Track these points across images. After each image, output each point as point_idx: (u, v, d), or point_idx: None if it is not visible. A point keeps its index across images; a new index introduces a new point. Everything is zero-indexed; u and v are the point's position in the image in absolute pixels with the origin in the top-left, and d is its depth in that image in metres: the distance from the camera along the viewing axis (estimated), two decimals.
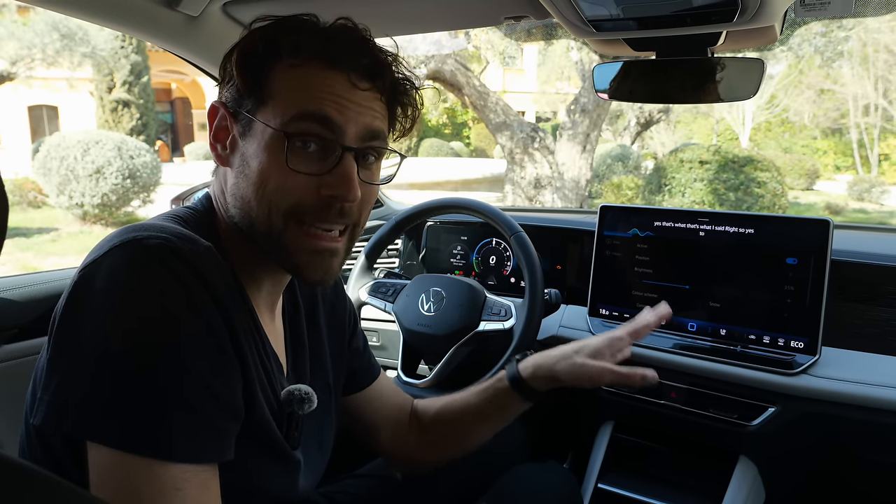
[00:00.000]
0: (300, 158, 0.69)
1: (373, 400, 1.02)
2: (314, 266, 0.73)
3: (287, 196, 0.69)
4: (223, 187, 0.75)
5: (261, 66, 0.70)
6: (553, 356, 0.99)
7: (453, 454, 1.04)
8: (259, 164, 0.69)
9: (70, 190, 8.09)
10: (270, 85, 0.70)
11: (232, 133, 0.73)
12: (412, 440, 1.04)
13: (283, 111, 0.69)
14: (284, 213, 0.70)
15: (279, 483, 0.77)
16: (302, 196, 0.70)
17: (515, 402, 1.00)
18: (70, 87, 13.61)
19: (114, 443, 0.57)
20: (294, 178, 0.69)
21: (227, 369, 0.65)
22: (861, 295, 1.23)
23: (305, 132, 0.69)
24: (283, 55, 0.70)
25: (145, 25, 1.15)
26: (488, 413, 1.01)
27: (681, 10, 0.92)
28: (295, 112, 0.68)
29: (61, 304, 0.63)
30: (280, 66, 0.70)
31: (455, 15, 1.25)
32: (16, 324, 1.11)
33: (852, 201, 13.43)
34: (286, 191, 0.69)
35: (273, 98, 0.69)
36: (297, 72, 0.70)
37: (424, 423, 1.05)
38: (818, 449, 1.17)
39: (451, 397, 1.05)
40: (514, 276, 1.66)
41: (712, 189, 7.37)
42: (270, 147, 0.69)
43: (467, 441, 1.03)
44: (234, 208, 0.73)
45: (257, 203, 0.70)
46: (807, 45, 11.79)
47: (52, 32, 10.34)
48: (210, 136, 0.75)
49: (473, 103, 8.17)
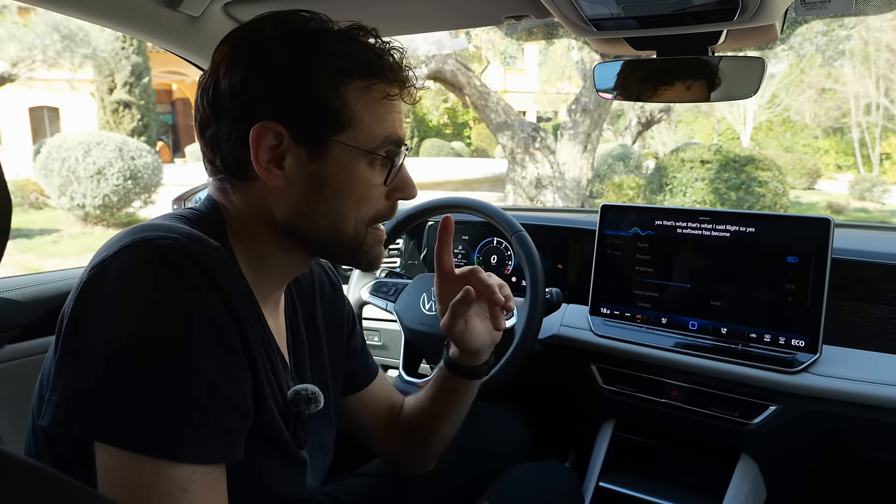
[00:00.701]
0: (379, 173, 0.75)
1: (370, 402, 1.02)
2: (380, 255, 0.81)
3: (371, 207, 0.76)
4: (262, 202, 0.74)
5: (330, 87, 0.70)
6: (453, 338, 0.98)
7: (433, 448, 1.03)
8: (342, 182, 0.73)
9: (71, 191, 8.10)
10: (347, 108, 0.71)
11: (289, 153, 0.71)
12: (398, 438, 1.03)
13: (369, 137, 0.73)
14: (367, 224, 0.76)
15: (287, 482, 0.77)
16: (380, 204, 0.77)
17: (459, 383, 0.98)
18: (71, 88, 13.62)
19: (122, 443, 0.57)
20: (374, 191, 0.75)
21: (236, 370, 0.65)
22: (862, 293, 1.23)
23: (390, 149, 0.74)
24: (354, 76, 0.71)
25: (146, 26, 1.15)
26: (443, 399, 0.99)
27: (681, 8, 0.92)
28: (382, 138, 0.73)
29: (69, 304, 0.63)
30: (353, 87, 0.71)
31: (456, 14, 1.25)
32: (19, 324, 1.12)
33: (854, 200, 13.41)
34: (370, 203, 0.76)
35: (354, 123, 0.72)
36: (371, 94, 0.72)
37: (405, 418, 1.04)
38: (819, 447, 1.17)
39: (420, 392, 1.04)
40: (515, 275, 1.67)
41: (713, 188, 7.37)
42: (355, 167, 0.73)
43: (439, 434, 1.01)
44: (298, 223, 0.74)
45: (342, 218, 0.74)
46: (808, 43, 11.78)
47: (53, 34, 10.35)
48: (253, 156, 0.70)
49: (474, 103, 8.17)
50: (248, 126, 0.69)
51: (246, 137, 0.69)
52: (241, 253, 0.74)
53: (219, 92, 0.70)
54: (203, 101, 0.72)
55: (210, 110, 0.72)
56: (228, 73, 0.70)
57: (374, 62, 0.72)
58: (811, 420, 1.14)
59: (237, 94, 0.69)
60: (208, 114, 0.72)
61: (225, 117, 0.71)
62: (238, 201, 0.75)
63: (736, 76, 1.06)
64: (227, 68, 0.70)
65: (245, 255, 0.75)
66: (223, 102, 0.70)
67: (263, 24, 0.73)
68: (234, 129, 0.70)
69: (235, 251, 0.74)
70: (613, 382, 1.33)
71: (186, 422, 0.59)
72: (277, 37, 0.71)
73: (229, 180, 0.74)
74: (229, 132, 0.71)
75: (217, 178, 0.76)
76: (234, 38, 0.73)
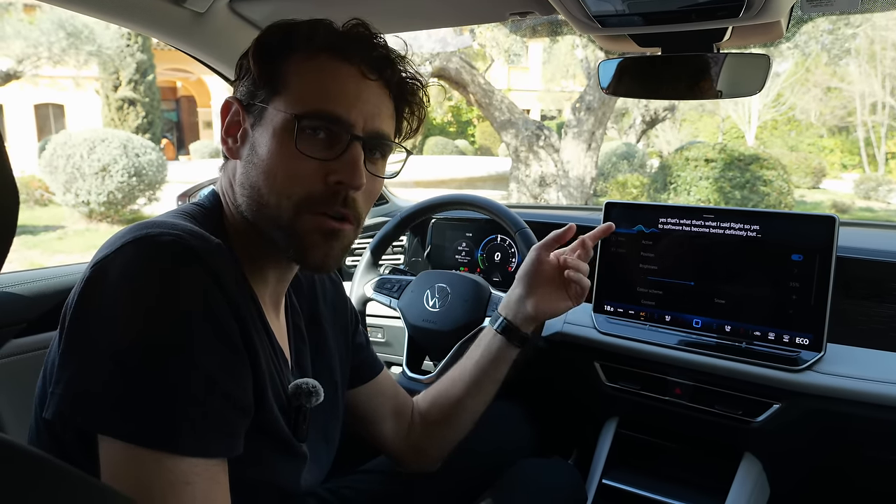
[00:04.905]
0: (308, 144, 0.71)
1: (375, 395, 1.03)
2: (317, 247, 0.73)
3: (297, 184, 0.71)
4: (231, 180, 0.76)
5: (275, 57, 0.73)
6: (514, 302, 1.08)
7: (457, 430, 1.05)
8: (268, 149, 0.71)
9: (76, 188, 8.13)
10: (284, 76, 0.72)
11: (244, 126, 0.75)
12: (416, 433, 1.04)
13: (295, 101, 0.71)
14: (295, 204, 0.71)
15: (286, 477, 0.78)
16: (311, 185, 0.71)
17: (506, 350, 1.06)
18: (76, 85, 13.66)
19: (125, 436, 0.58)
20: (302, 164, 0.71)
21: (237, 365, 0.66)
22: (866, 291, 1.23)
23: (316, 119, 0.71)
24: (297, 47, 0.73)
25: (152, 22, 1.16)
26: (482, 370, 1.05)
27: (686, 5, 0.92)
28: (307, 101, 0.71)
29: (72, 299, 0.64)
30: (294, 58, 0.73)
31: (460, 11, 1.25)
32: (25, 318, 1.12)
33: (859, 200, 13.36)
34: (295, 179, 0.71)
35: (286, 88, 0.72)
36: (311, 64, 0.72)
37: (425, 409, 1.06)
38: (823, 445, 1.17)
39: (445, 375, 1.09)
40: None
41: (718, 187, 7.35)
42: (280, 132, 0.71)
43: (467, 411, 1.05)
44: (241, 197, 0.74)
45: (267, 191, 0.71)
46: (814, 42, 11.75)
47: (58, 31, 10.38)
48: (221, 131, 0.76)
49: (478, 101, 8.17)
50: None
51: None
52: (241, 249, 0.75)
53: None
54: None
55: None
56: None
57: (321, 35, 0.73)
58: (815, 418, 1.14)
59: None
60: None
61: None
62: (225, 186, 0.78)
63: (741, 73, 1.06)
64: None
65: (244, 252, 0.75)
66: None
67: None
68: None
69: (236, 247, 0.74)
70: (617, 380, 1.32)
71: (186, 416, 0.60)
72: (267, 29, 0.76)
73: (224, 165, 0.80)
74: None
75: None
76: None
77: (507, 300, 1.10)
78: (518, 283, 1.09)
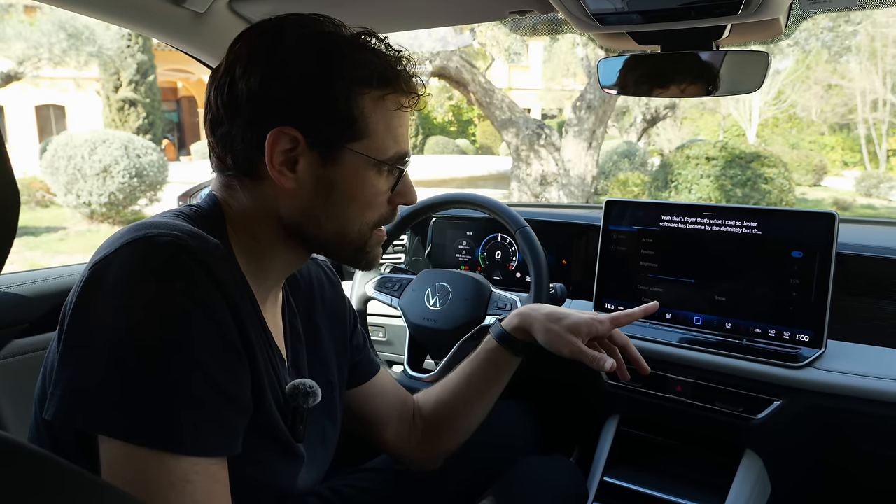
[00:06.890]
0: (386, 180, 0.78)
1: (374, 395, 1.03)
2: (376, 254, 0.84)
3: (375, 212, 0.79)
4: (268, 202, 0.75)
5: (348, 96, 0.72)
6: (532, 318, 1.04)
7: (460, 435, 1.05)
8: (351, 186, 0.75)
9: (77, 189, 8.14)
10: (364, 117, 0.73)
11: (302, 157, 0.72)
12: (417, 433, 1.05)
13: (379, 148, 0.75)
14: (371, 227, 0.80)
15: (283, 477, 0.78)
16: (383, 208, 0.80)
17: (506, 358, 1.05)
18: (77, 86, 13.69)
19: (125, 436, 0.58)
20: (380, 196, 0.79)
21: (235, 365, 0.66)
22: (867, 288, 1.23)
23: (397, 163, 0.78)
24: (371, 87, 0.73)
25: (151, 22, 1.16)
26: (484, 376, 1.05)
27: (685, 3, 0.92)
28: (389, 147, 0.76)
29: (71, 299, 0.64)
30: (369, 97, 0.73)
31: (460, 9, 1.25)
32: (27, 319, 1.13)
33: (860, 197, 13.35)
34: (373, 207, 0.79)
35: (368, 133, 0.74)
36: (385, 105, 0.75)
37: (427, 411, 1.06)
38: (824, 442, 1.17)
39: (447, 377, 1.09)
40: (519, 270, 1.67)
41: (719, 185, 7.34)
42: (364, 172, 0.75)
43: (470, 415, 1.05)
44: (310, 226, 0.76)
45: (349, 221, 0.77)
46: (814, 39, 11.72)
47: (59, 32, 10.38)
48: (268, 158, 0.71)
49: (479, 100, 8.16)
50: (264, 129, 0.70)
51: (261, 140, 0.70)
52: (241, 250, 0.75)
53: (234, 92, 0.71)
54: (216, 100, 0.73)
55: (224, 109, 0.72)
56: (245, 76, 0.70)
57: (388, 73, 0.74)
58: (816, 415, 1.14)
59: (254, 98, 0.70)
60: (222, 113, 0.72)
61: (240, 118, 0.71)
62: (244, 199, 0.75)
63: (740, 71, 1.06)
64: (243, 70, 0.71)
65: (244, 252, 0.76)
66: (238, 103, 0.71)
67: (282, 28, 0.73)
68: (249, 131, 0.71)
69: (235, 248, 0.75)
70: (617, 378, 1.32)
71: (186, 416, 0.60)
72: (297, 43, 0.71)
73: (238, 178, 0.75)
74: (243, 133, 0.71)
75: (224, 175, 0.76)
76: (251, 38, 0.73)
77: (528, 312, 1.05)
78: (558, 312, 1.03)
